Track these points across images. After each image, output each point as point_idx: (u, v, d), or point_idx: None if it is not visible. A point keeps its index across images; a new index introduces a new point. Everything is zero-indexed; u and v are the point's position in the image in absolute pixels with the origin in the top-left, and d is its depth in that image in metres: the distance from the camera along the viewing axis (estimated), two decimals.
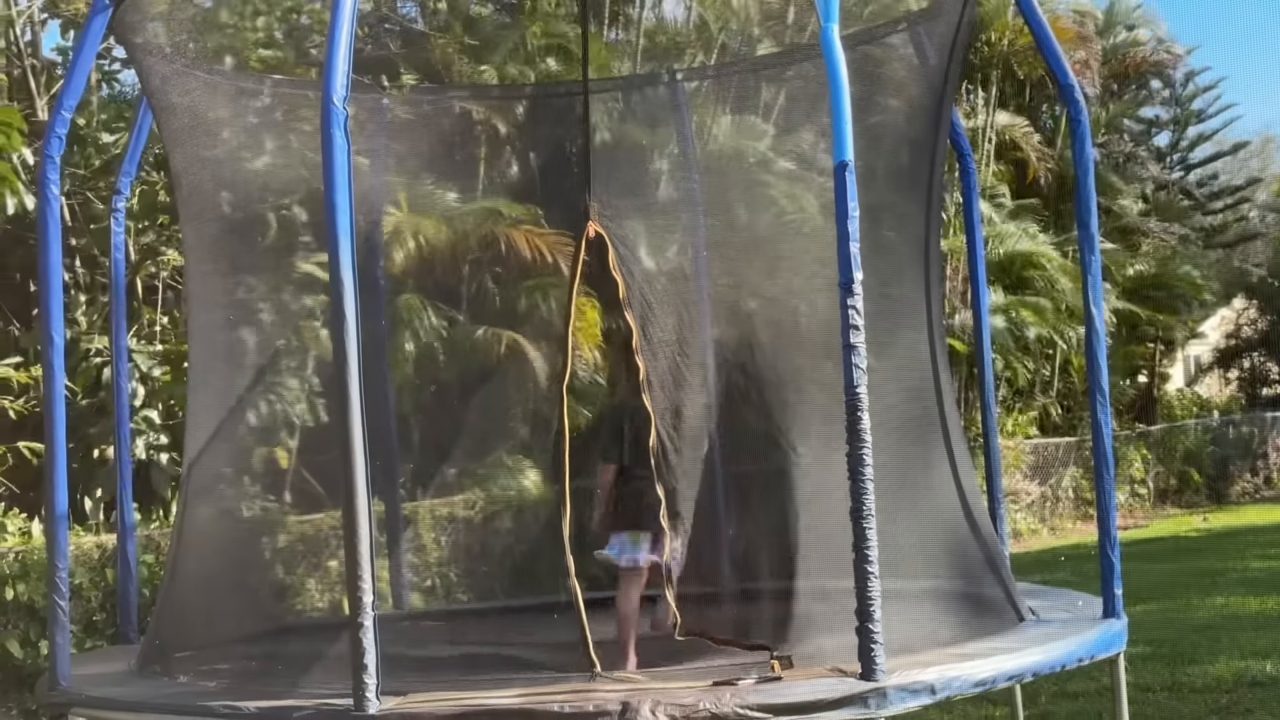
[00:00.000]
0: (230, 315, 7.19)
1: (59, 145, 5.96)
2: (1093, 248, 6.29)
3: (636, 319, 6.36)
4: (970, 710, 9.65)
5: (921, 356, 6.57)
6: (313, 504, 12.75)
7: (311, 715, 5.14)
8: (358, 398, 4.91)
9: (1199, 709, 9.53)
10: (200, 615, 6.97)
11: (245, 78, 7.50)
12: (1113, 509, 6.25)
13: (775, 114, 7.84)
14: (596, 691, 5.22)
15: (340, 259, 4.91)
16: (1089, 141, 6.32)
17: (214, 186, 7.14)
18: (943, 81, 6.50)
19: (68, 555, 6.07)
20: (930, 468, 6.33)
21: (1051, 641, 5.71)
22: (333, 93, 4.91)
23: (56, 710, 6.07)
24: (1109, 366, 6.37)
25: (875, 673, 4.89)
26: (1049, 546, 22.86)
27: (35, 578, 12.17)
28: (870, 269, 5.03)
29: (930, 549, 6.17)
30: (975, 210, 7.74)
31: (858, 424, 4.91)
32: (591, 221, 6.55)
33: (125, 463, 7.39)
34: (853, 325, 4.92)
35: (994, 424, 7.69)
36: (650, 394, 6.35)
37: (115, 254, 7.38)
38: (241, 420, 7.51)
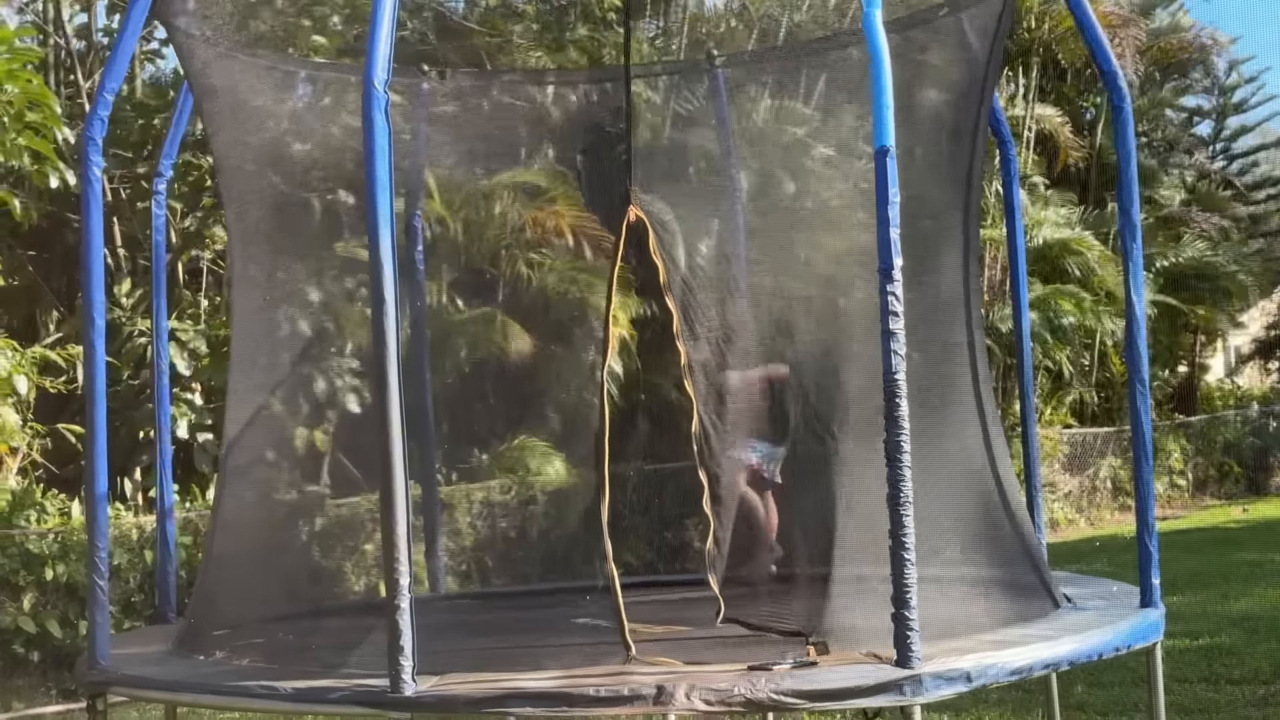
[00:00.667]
0: (270, 298, 7.22)
1: (101, 127, 5.99)
2: (1135, 235, 6.24)
3: (677, 304, 6.35)
4: (1005, 698, 9.63)
5: (959, 344, 6.55)
6: (350, 487, 12.82)
7: (348, 696, 5.17)
8: (396, 381, 4.93)
9: (1236, 700, 9.48)
10: (237, 596, 7.02)
11: (287, 61, 7.53)
12: (1151, 498, 6.21)
13: (815, 99, 7.82)
14: (632, 675, 5.23)
15: (380, 243, 4.93)
16: (1132, 128, 6.27)
17: (256, 170, 7.17)
18: (984, 67, 6.46)
19: (108, 535, 6.11)
20: (967, 455, 6.31)
21: (1088, 630, 5.69)
22: (374, 76, 4.92)
23: (95, 689, 6.11)
24: (1149, 357, 6.33)
25: (911, 659, 4.88)
26: (1086, 536, 22.77)
27: (75, 558, 12.28)
28: (909, 255, 5.01)
29: (967, 536, 6.15)
30: (1016, 198, 7.69)
31: (896, 410, 4.90)
32: (632, 206, 6.54)
33: (165, 444, 7.43)
34: (892, 311, 4.90)
35: (1032, 413, 7.65)
36: (692, 379, 6.34)
37: (156, 236, 7.42)
38: (280, 403, 7.55)
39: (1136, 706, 9.13)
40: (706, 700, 4.85)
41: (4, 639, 12.28)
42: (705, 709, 4.90)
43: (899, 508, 4.89)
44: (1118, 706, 9.40)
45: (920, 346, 5.76)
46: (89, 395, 6.02)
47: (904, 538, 4.88)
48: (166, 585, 7.35)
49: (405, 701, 4.99)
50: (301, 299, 8.04)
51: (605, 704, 5.01)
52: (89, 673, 6.07)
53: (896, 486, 4.90)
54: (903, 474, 4.89)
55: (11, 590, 12.37)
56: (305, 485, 8.27)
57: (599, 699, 4.97)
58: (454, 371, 14.23)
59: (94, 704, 6.17)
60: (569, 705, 5.01)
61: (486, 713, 5.28)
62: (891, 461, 4.91)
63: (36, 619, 12.31)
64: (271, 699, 5.41)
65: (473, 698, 5.06)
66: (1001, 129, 7.59)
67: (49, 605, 12.55)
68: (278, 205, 7.27)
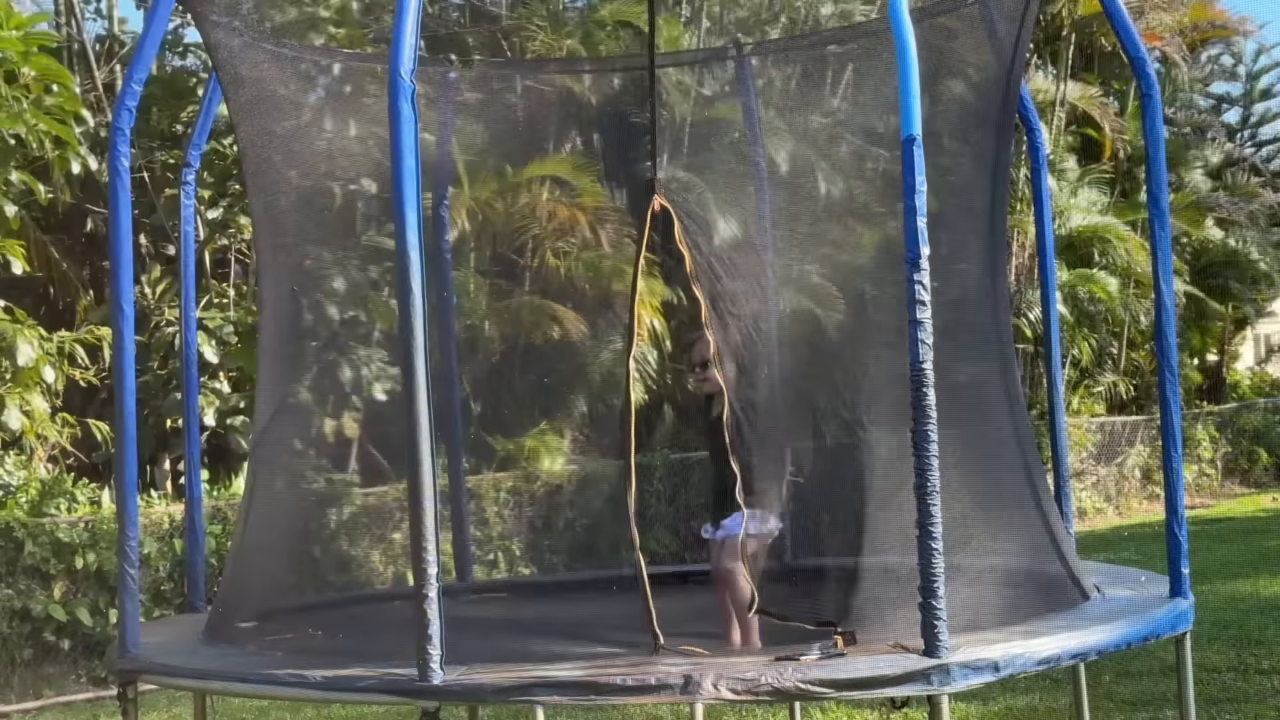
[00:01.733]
0: (296, 287, 7.24)
1: (129, 118, 5.99)
2: (1163, 224, 6.21)
3: (705, 293, 6.34)
4: (1033, 687, 9.62)
5: (986, 333, 6.53)
6: (378, 477, 12.88)
7: (376, 684, 5.18)
8: (423, 371, 4.94)
9: (1265, 690, 9.46)
10: (267, 584, 7.05)
11: (313, 51, 7.53)
12: (1180, 487, 6.18)
13: (843, 88, 7.80)
14: (659, 664, 5.23)
15: (407, 233, 4.93)
16: (1160, 115, 6.23)
17: (282, 160, 7.18)
18: (1011, 54, 6.43)
19: (137, 524, 6.14)
20: (995, 444, 6.29)
21: (1117, 620, 5.66)
22: (400, 66, 4.92)
23: (126, 677, 6.14)
24: (1178, 346, 6.30)
25: (939, 649, 4.87)
26: (1115, 525, 22.71)
27: (104, 546, 12.37)
28: (936, 244, 5.00)
29: (995, 526, 6.13)
30: (1044, 185, 7.66)
31: (923, 400, 4.89)
32: (657, 195, 6.52)
33: (194, 434, 7.46)
34: (919, 300, 4.89)
35: (1060, 401, 7.62)
36: (722, 368, 6.33)
37: (185, 226, 7.43)
38: (309, 392, 7.57)
39: (1165, 697, 9.11)
40: (734, 690, 4.85)
41: (35, 627, 12.38)
42: (733, 699, 4.89)
43: (926, 497, 4.88)
44: (1146, 696, 9.39)
45: (948, 335, 5.74)
46: (118, 383, 6.04)
47: (931, 527, 4.87)
48: (195, 574, 7.38)
49: (433, 690, 4.99)
50: (329, 289, 8.07)
51: (632, 693, 5.02)
52: (119, 661, 6.10)
53: (924, 476, 4.89)
54: (930, 464, 4.88)
55: (42, 578, 12.46)
56: (334, 474, 8.29)
57: (626, 688, 4.97)
58: (483, 361, 14.27)
59: (124, 692, 6.19)
60: (596, 694, 5.01)
61: (513, 701, 5.30)
62: (919, 451, 4.90)
63: (67, 607, 12.40)
64: (300, 687, 5.42)
65: (500, 686, 5.06)
66: (1029, 115, 7.55)
67: (79, 593, 12.64)
68: (305, 195, 7.28)
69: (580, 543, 15.93)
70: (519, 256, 16.70)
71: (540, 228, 16.56)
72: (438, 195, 8.21)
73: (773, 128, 8.27)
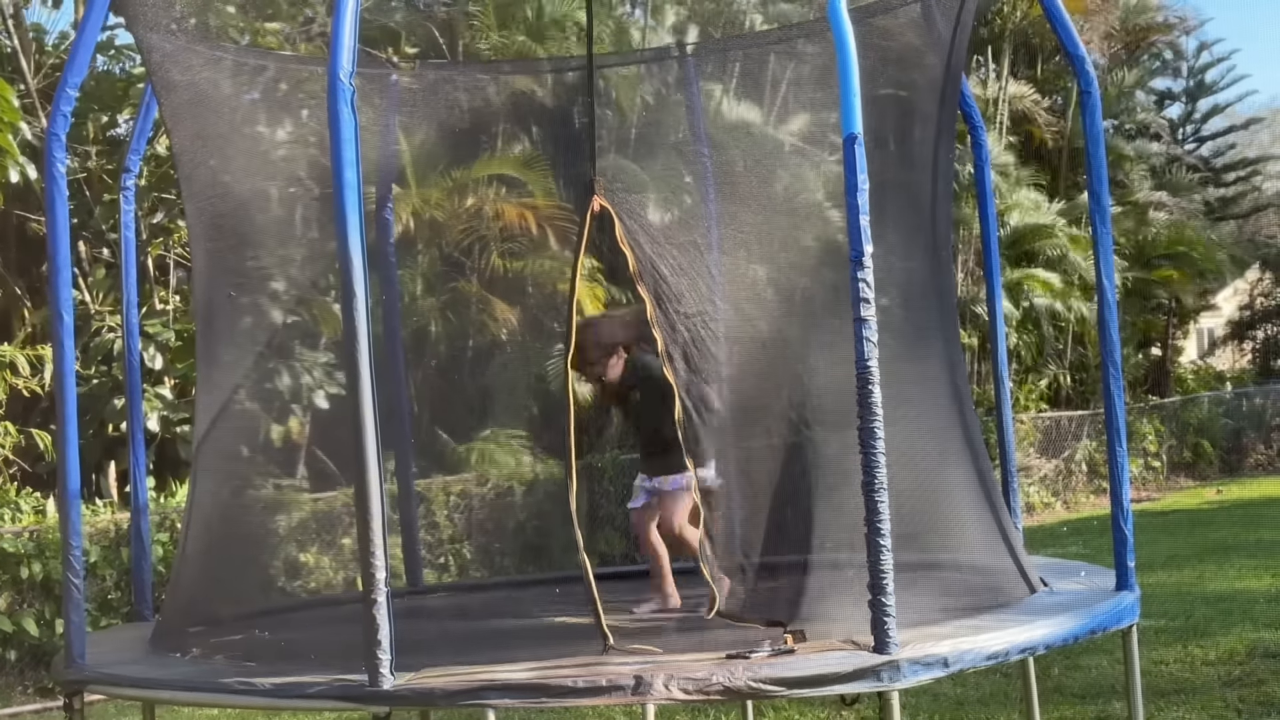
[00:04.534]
0: (234, 292, 7.17)
1: (64, 123, 5.93)
2: (1104, 220, 6.26)
3: (650, 292, 6.33)
4: (983, 682, 9.68)
5: (932, 329, 6.55)
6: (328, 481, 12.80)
7: (326, 690, 5.15)
8: (369, 376, 4.90)
9: (1211, 680, 9.55)
10: (213, 593, 6.99)
11: (249, 53, 7.46)
12: (1125, 480, 6.23)
13: (785, 87, 7.81)
14: (609, 665, 5.22)
15: (349, 236, 4.90)
16: (1099, 113, 6.28)
17: (218, 164, 7.11)
18: (949, 52, 6.46)
19: (81, 533, 6.07)
20: (941, 440, 6.31)
21: (1064, 614, 5.70)
22: (339, 68, 4.88)
23: (72, 688, 6.08)
24: (1120, 338, 6.35)
25: (888, 645, 4.89)
26: (1062, 519, 22.88)
27: (50, 556, 12.25)
28: (879, 242, 5.01)
29: (943, 521, 6.16)
30: (987, 182, 7.70)
31: (869, 397, 4.90)
32: (596, 196, 6.52)
33: (138, 440, 7.38)
34: (863, 298, 4.90)
35: (1006, 396, 7.66)
36: (672, 367, 6.32)
37: (125, 232, 7.36)
38: (250, 397, 7.51)
39: (1114, 688, 9.18)
40: (685, 690, 4.85)
41: None
42: (684, 699, 4.89)
43: (874, 494, 4.89)
44: (1095, 688, 9.46)
45: (893, 332, 5.76)
46: (59, 392, 5.98)
47: (880, 524, 4.88)
48: (142, 582, 7.31)
49: (384, 695, 4.97)
50: (269, 293, 7.99)
51: (583, 695, 5.00)
52: (65, 671, 6.04)
53: (871, 473, 4.90)
54: (877, 460, 4.89)
55: None
56: (278, 480, 8.22)
57: (577, 690, 4.95)
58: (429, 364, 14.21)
59: (70, 703, 6.14)
60: (546, 696, 5.00)
61: (464, 704, 5.28)
62: (866, 448, 4.91)
63: (13, 618, 12.28)
64: (249, 695, 5.38)
65: (450, 690, 5.04)
66: (972, 113, 7.60)
67: (25, 604, 12.52)
68: (242, 199, 7.20)
69: (530, 545, 15.90)
70: (465, 257, 16.66)
71: (487, 229, 16.52)
72: (381, 195, 8.16)
73: (717, 127, 8.27)
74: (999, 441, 7.57)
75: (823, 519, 5.87)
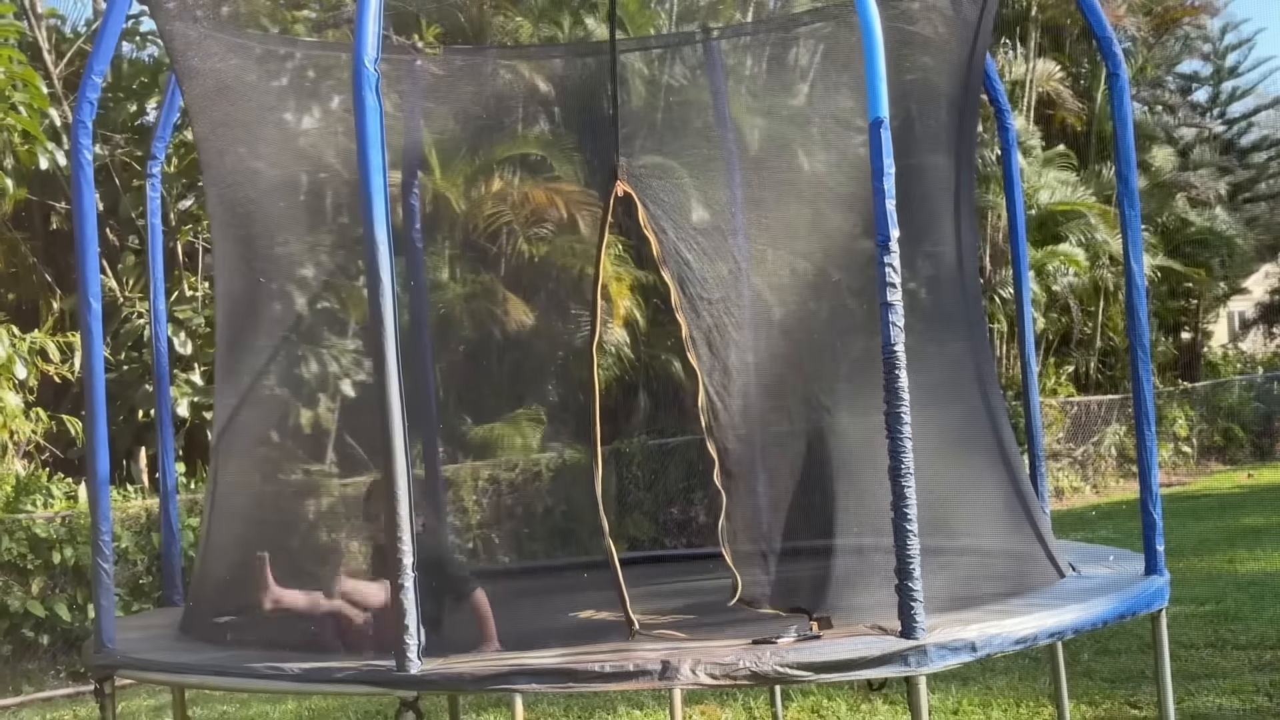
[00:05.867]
0: (259, 279, 7.18)
1: (90, 110, 5.96)
2: (1133, 203, 6.23)
3: (674, 277, 6.33)
4: (1012, 667, 9.65)
5: (957, 313, 6.53)
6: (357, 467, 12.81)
7: (354, 675, 5.17)
8: (395, 362, 4.92)
9: (1242, 665, 9.50)
10: (236, 578, 7.01)
11: (272, 40, 7.46)
12: (1153, 464, 6.21)
13: (811, 71, 7.78)
14: (636, 651, 5.23)
15: (375, 222, 4.91)
16: (1128, 96, 6.25)
17: (243, 152, 7.12)
18: (976, 33, 6.43)
19: (110, 519, 6.11)
20: (968, 425, 6.30)
21: (1093, 598, 5.68)
22: (364, 55, 4.89)
23: (103, 672, 6.12)
24: (1150, 323, 6.32)
25: (915, 630, 4.88)
26: (1091, 504, 22.80)
27: (82, 541, 12.32)
28: (905, 226, 4.99)
29: (970, 506, 6.15)
30: (1014, 165, 7.67)
31: (895, 382, 4.89)
32: (620, 181, 6.51)
33: (166, 426, 7.42)
34: (889, 283, 4.89)
35: (1034, 380, 7.63)
36: (695, 352, 6.31)
37: (152, 219, 7.39)
38: (273, 384, 7.52)
39: (1143, 673, 9.15)
40: (712, 674, 4.85)
41: (13, 623, 12.33)
42: (711, 683, 4.90)
43: (900, 480, 4.89)
44: (1124, 674, 9.42)
45: (919, 316, 5.74)
46: (88, 379, 6.01)
47: (906, 510, 4.88)
48: (172, 568, 7.35)
49: (411, 680, 4.99)
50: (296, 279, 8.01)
51: (610, 680, 5.01)
52: (95, 656, 6.08)
53: (897, 458, 4.89)
54: (904, 446, 4.88)
55: (20, 574, 12.42)
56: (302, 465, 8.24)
57: (604, 675, 4.96)
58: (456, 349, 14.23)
59: (101, 687, 6.18)
60: (574, 681, 5.01)
61: (492, 689, 5.29)
62: (892, 433, 4.90)
63: (45, 603, 12.36)
64: (278, 679, 5.41)
65: (478, 675, 5.06)
66: (998, 96, 7.56)
67: (57, 589, 12.60)
68: (268, 185, 7.22)
69: (558, 530, 15.92)
70: (490, 242, 16.67)
71: (513, 213, 16.54)
72: (407, 181, 8.17)
73: (742, 112, 8.25)
74: (1026, 426, 7.55)
75: (848, 505, 5.86)
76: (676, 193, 7.20)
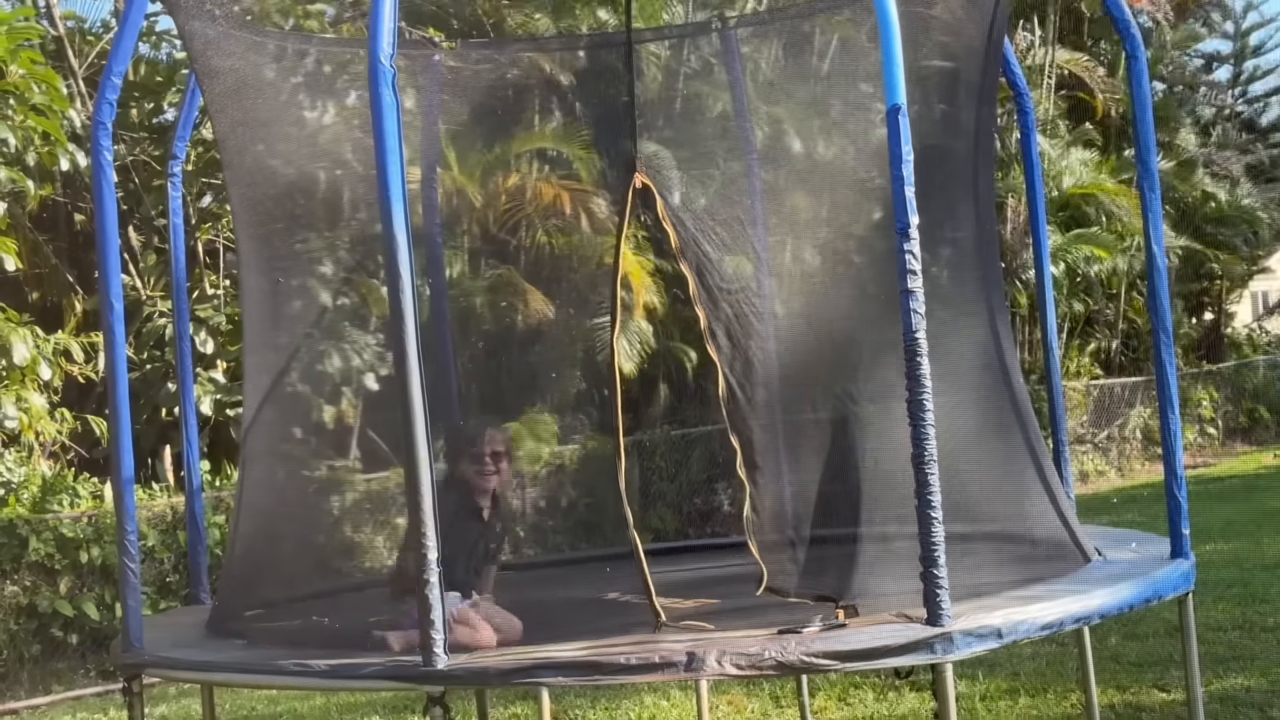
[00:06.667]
0: (281, 278, 7.20)
1: (110, 111, 5.97)
2: (1153, 185, 6.20)
3: (692, 268, 6.32)
4: (1039, 652, 9.63)
5: (978, 299, 6.51)
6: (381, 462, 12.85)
7: (381, 671, 5.19)
8: (416, 358, 4.92)
9: (1271, 646, 9.47)
10: (264, 575, 7.03)
11: (290, 37, 7.47)
12: (1178, 447, 6.18)
13: (829, 58, 7.76)
14: (662, 642, 5.23)
15: (394, 217, 4.92)
16: (1146, 78, 6.22)
17: (262, 150, 7.14)
18: (991, 18, 6.40)
19: (135, 518, 6.13)
20: (991, 410, 6.28)
21: (1119, 583, 5.66)
22: (379, 51, 4.89)
23: (130, 671, 6.15)
24: (1172, 305, 6.29)
25: (941, 618, 4.87)
26: (1117, 488, 22.73)
27: (108, 541, 12.37)
28: (925, 213, 4.98)
29: (994, 492, 6.13)
30: (1034, 148, 7.64)
31: (917, 369, 4.88)
32: (638, 173, 6.50)
33: (191, 425, 7.44)
34: (910, 270, 4.88)
35: (1056, 364, 7.60)
36: (715, 343, 6.30)
37: (174, 219, 7.41)
38: (300, 380, 7.54)
39: (1171, 657, 9.12)
40: (738, 665, 4.85)
41: (42, 623, 12.39)
42: (737, 674, 4.89)
43: (924, 466, 4.87)
44: (1152, 658, 9.40)
45: (940, 302, 5.72)
46: (111, 379, 6.04)
47: (930, 496, 4.87)
48: (198, 566, 7.38)
49: (438, 675, 5.00)
50: (317, 275, 8.02)
51: (636, 672, 5.02)
52: (123, 655, 6.10)
53: (920, 445, 4.88)
54: (926, 432, 4.87)
55: (48, 574, 12.48)
56: (328, 462, 8.26)
57: (630, 667, 4.97)
58: (477, 343, 14.24)
59: (130, 686, 6.21)
60: (600, 674, 5.02)
61: (518, 683, 5.30)
62: (915, 420, 4.89)
63: (73, 602, 12.42)
64: (305, 676, 5.43)
65: (504, 669, 5.07)
66: (1016, 79, 7.53)
67: (85, 588, 12.65)
68: (287, 183, 7.23)
69: (582, 522, 15.92)
70: (510, 235, 16.68)
71: (531, 206, 16.54)
72: (426, 177, 8.17)
73: (759, 101, 8.23)
74: (1049, 409, 7.52)
75: (871, 492, 5.85)
76: (695, 184, 7.20)
